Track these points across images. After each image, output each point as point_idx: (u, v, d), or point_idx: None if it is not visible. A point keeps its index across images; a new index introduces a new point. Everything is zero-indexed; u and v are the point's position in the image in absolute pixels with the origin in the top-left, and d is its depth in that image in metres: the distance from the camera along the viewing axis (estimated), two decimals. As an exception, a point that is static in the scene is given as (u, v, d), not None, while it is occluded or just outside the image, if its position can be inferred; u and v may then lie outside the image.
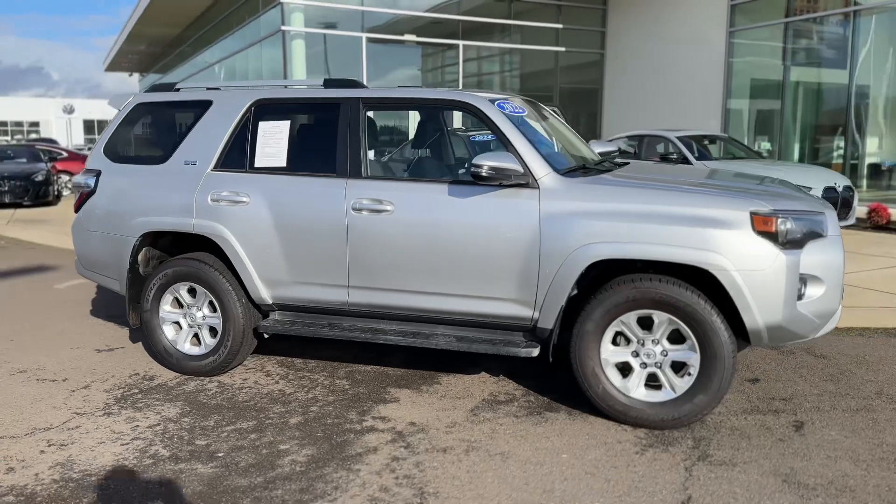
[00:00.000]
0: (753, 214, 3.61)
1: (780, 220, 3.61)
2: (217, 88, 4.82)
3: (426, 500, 3.16)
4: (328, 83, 4.58)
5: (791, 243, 3.63)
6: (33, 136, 58.68)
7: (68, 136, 55.70)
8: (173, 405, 4.30)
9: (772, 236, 3.60)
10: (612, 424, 3.91)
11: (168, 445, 3.76)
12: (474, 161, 3.83)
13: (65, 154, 19.76)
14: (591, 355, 3.88)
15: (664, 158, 10.62)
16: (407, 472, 3.42)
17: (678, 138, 10.82)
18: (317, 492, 3.25)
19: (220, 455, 3.64)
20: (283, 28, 15.96)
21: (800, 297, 3.69)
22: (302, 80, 4.91)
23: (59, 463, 3.57)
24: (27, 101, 66.91)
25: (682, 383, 3.80)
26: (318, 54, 16.66)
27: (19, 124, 64.87)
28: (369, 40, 16.70)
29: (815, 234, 3.73)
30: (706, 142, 11.42)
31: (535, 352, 4.00)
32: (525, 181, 3.95)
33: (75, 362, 5.13)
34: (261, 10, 17.47)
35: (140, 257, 4.89)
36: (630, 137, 11.77)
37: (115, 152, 4.95)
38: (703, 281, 3.78)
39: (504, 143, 4.08)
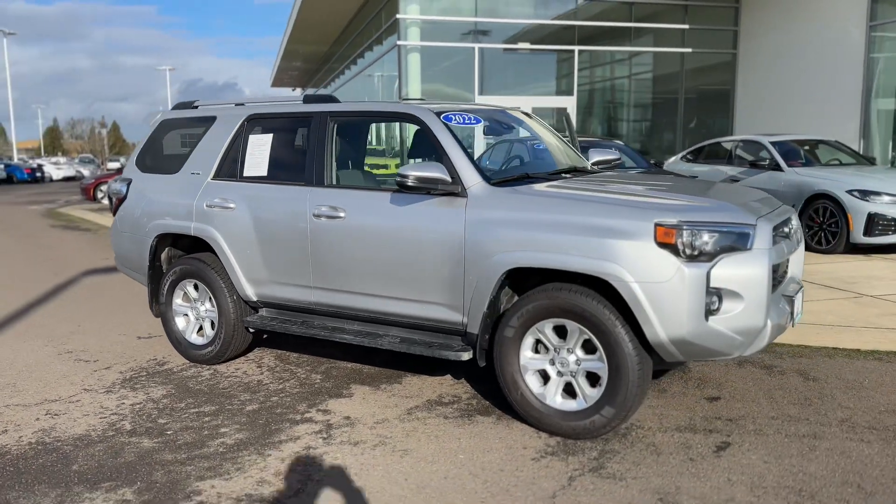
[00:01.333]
0: (657, 225, 3.53)
1: (683, 232, 3.50)
2: (232, 105, 5.34)
3: (306, 486, 3.41)
4: (307, 99, 4.95)
5: (698, 256, 3.50)
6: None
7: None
8: (164, 388, 4.85)
9: (674, 248, 3.50)
10: (532, 431, 3.95)
11: (134, 421, 4.27)
12: (400, 171, 4.02)
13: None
14: (511, 361, 3.94)
15: (753, 165, 10.05)
16: (309, 460, 3.69)
17: (773, 143, 10.18)
18: (220, 470, 3.60)
19: (168, 433, 4.10)
20: (399, 43, 16.67)
21: (713, 311, 3.54)
22: (292, 96, 5.30)
23: (42, 429, 4.19)
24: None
25: (593, 394, 3.77)
26: (432, 67, 17.23)
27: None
28: (482, 51, 17.04)
29: (732, 248, 3.57)
30: (807, 147, 10.63)
31: (466, 356, 4.11)
32: (455, 190, 4.08)
33: (114, 347, 5.87)
34: (383, 27, 18.35)
35: (163, 256, 5.53)
36: (717, 143, 11.23)
37: (144, 163, 5.63)
38: (613, 292, 3.73)
39: (440, 154, 4.24)
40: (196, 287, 5.28)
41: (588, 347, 3.80)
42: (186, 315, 5.39)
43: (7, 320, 6.87)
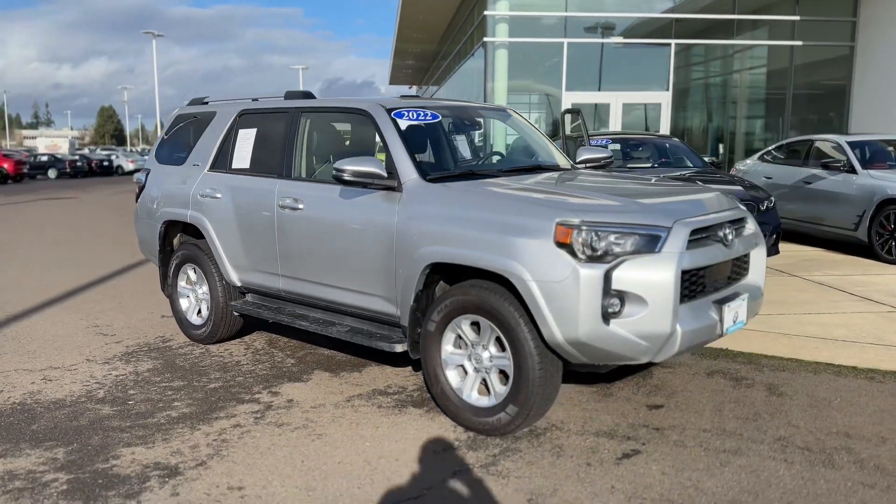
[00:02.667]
0: (558, 225, 3.47)
1: (580, 232, 3.42)
2: (237, 101, 5.65)
3: (210, 459, 3.63)
4: (287, 95, 5.18)
5: (597, 257, 3.41)
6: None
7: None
8: (153, 362, 5.25)
9: (570, 248, 3.42)
10: (451, 425, 3.98)
11: (108, 391, 4.68)
12: (335, 165, 4.16)
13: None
14: (433, 355, 3.99)
15: (826, 167, 9.38)
16: (228, 437, 3.91)
17: (850, 143, 9.45)
18: (149, 439, 3.89)
19: (129, 402, 4.46)
20: (486, 39, 16.74)
21: (614, 314, 3.44)
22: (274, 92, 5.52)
23: (30, 392, 4.67)
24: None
25: (502, 391, 3.76)
26: (520, 63, 17.16)
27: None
28: (571, 45, 16.78)
29: (637, 250, 3.45)
30: (891, 147, 9.76)
31: (400, 348, 4.20)
32: (392, 185, 4.17)
33: (137, 324, 6.38)
34: (475, 24, 18.47)
35: (175, 241, 5.97)
36: (795, 143, 10.52)
37: (160, 155, 6.08)
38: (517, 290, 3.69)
39: (385, 148, 4.33)
40: (195, 271, 5.66)
41: (501, 345, 3.78)
42: (188, 297, 5.78)
43: (64, 295, 7.60)
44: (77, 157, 43.08)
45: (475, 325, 3.86)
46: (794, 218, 9.93)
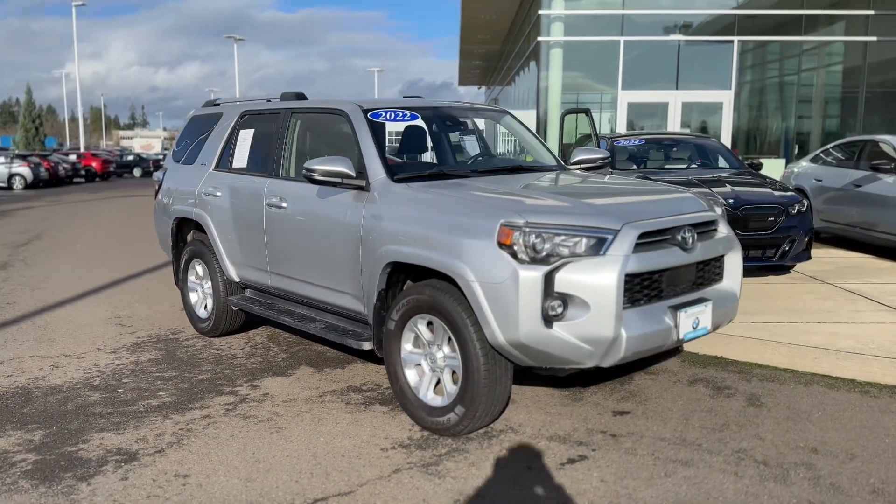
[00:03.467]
0: (502, 225, 3.44)
1: (521, 234, 3.38)
2: (244, 102, 5.83)
3: (169, 448, 3.77)
4: (283, 96, 5.30)
5: (538, 259, 3.37)
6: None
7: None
8: (156, 353, 5.48)
9: (511, 249, 3.39)
10: (410, 424, 3.99)
11: (105, 379, 4.91)
12: (305, 165, 4.24)
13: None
14: (393, 353, 4.02)
15: (875, 168, 8.89)
16: (195, 427, 4.05)
17: (903, 144, 8.92)
18: (122, 425, 4.07)
19: (119, 390, 4.68)
20: (541, 39, 16.61)
21: (556, 317, 3.39)
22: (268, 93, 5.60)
23: (36, 377, 4.96)
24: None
25: (452, 392, 3.76)
26: (574, 62, 16.94)
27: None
28: (628, 44, 16.45)
29: (580, 253, 3.38)
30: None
31: (367, 346, 4.25)
32: (361, 184, 4.23)
33: (155, 316, 6.66)
34: (531, 25, 18.34)
35: (189, 237, 6.20)
36: (848, 143, 10.00)
37: (176, 155, 6.33)
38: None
39: (357, 148, 4.39)
40: (202, 267, 5.87)
41: (453, 345, 3.78)
42: (196, 291, 6.00)
43: (99, 287, 8.00)
44: (162, 156, 45.10)
45: (431, 325, 3.87)
46: (844, 223, 9.45)
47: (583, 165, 5.20)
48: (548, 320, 3.38)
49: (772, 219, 7.12)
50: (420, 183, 4.17)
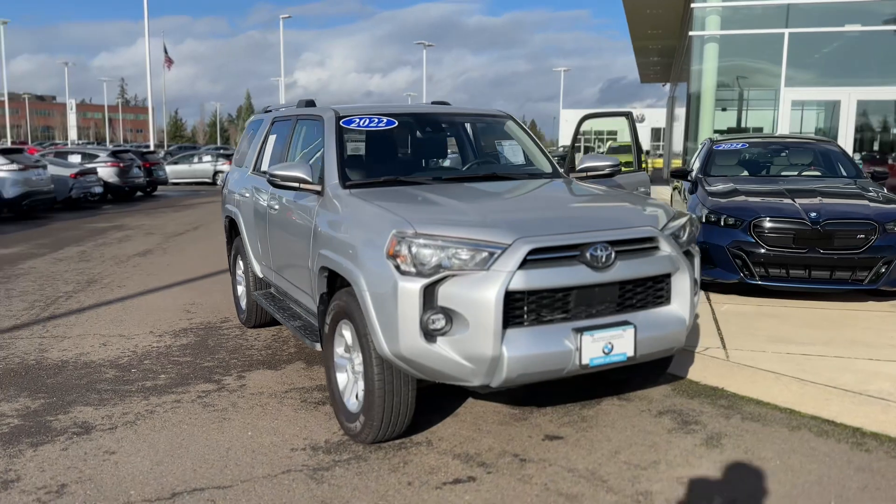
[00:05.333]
0: (393, 236, 3.39)
1: (406, 245, 3.31)
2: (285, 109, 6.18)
3: (122, 426, 4.14)
4: (298, 103, 5.55)
5: (423, 271, 3.27)
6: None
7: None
8: (193, 339, 5.98)
9: (395, 260, 3.33)
10: (335, 426, 4.04)
11: (132, 359, 5.46)
12: (268, 170, 4.42)
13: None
14: (329, 356, 4.10)
15: None
16: (159, 409, 4.39)
17: None
18: (105, 402, 4.52)
19: (132, 370, 5.18)
20: (693, 33, 15.63)
21: (439, 331, 3.28)
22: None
23: (81, 353, 5.62)
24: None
25: (361, 399, 3.76)
26: (731, 57, 15.73)
27: (600, 133, 73.85)
28: (793, 36, 14.99)
29: (468, 267, 3.25)
30: None
31: (318, 346, 4.36)
32: (318, 189, 4.35)
33: (217, 304, 7.23)
34: (689, 19, 17.29)
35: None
36: None
37: (235, 159, 6.83)
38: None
39: (324, 153, 4.51)
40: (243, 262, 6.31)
41: (364, 353, 3.78)
42: (241, 284, 6.45)
43: (197, 277, 8.81)
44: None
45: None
46: None
47: (589, 174, 4.93)
48: (429, 334, 3.29)
49: (862, 236, 6.22)
50: (367, 190, 4.20)
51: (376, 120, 4.71)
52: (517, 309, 3.33)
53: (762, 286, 6.51)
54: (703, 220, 6.78)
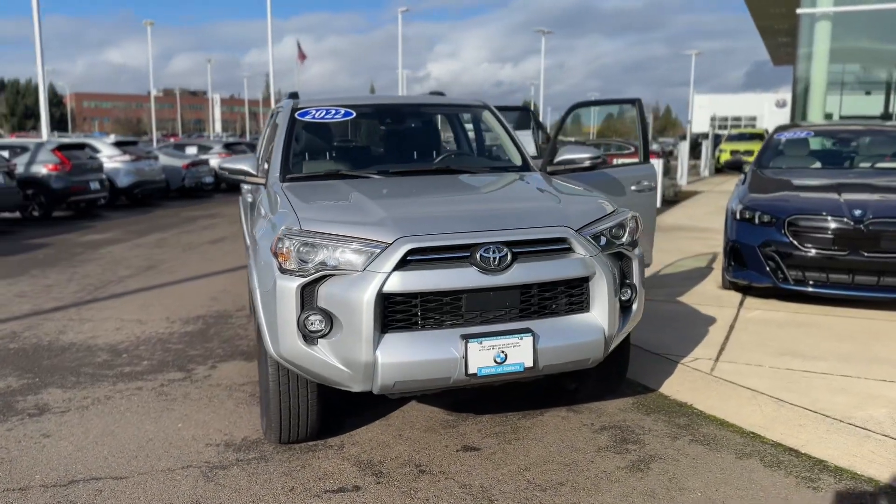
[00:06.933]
0: (279, 232, 3.28)
1: (290, 242, 3.18)
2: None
3: (73, 410, 4.29)
4: (290, 95, 5.52)
5: (305, 270, 3.15)
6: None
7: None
8: (198, 326, 6.15)
9: (276, 257, 3.22)
10: (258, 425, 3.99)
11: (130, 344, 5.68)
12: (218, 163, 4.42)
13: (632, 149, 21.91)
14: (260, 352, 4.06)
15: None
16: (116, 396, 4.52)
17: None
18: (78, 385, 4.71)
19: (123, 355, 5.38)
20: (801, 11, 14.37)
21: (317, 333, 3.15)
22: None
23: (92, 336, 5.92)
24: (745, 98, 71.69)
25: (268, 399, 3.68)
26: (846, 37, 14.31)
27: (737, 119, 70.01)
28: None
29: (347, 266, 3.10)
30: None
31: (266, 342, 4.34)
32: (262, 182, 4.31)
33: (242, 293, 7.37)
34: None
35: None
36: None
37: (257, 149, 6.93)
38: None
39: (276, 146, 4.46)
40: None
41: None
42: (253, 274, 6.56)
43: (238, 268, 9.06)
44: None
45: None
46: None
47: (567, 167, 4.60)
48: (307, 336, 3.16)
49: (913, 237, 5.44)
50: (301, 184, 4.11)
51: (333, 111, 4.60)
52: (400, 312, 3.13)
53: (800, 292, 5.84)
54: (738, 216, 6.18)
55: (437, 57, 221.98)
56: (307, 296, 3.14)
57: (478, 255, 3.13)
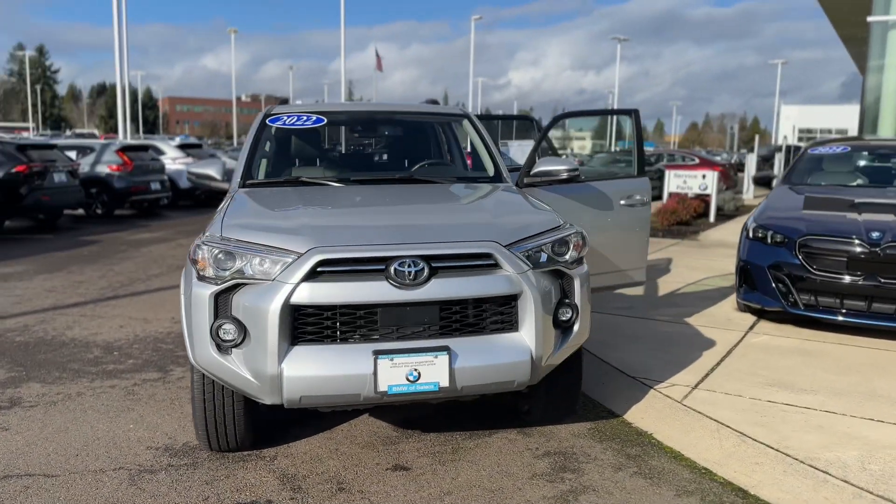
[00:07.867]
0: (199, 239, 3.26)
1: (204, 249, 3.16)
2: None
3: (43, 405, 4.40)
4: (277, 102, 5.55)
5: (221, 277, 3.11)
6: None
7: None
8: (196, 328, 6.24)
9: (195, 264, 3.20)
10: (215, 429, 4.00)
11: (126, 342, 5.81)
12: (188, 169, 4.45)
13: (696, 160, 21.17)
14: (212, 357, 4.06)
15: None
16: (88, 392, 4.61)
17: None
18: (58, 381, 4.84)
19: (115, 353, 5.51)
20: (871, 18, 13.58)
21: (230, 342, 3.11)
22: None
23: (94, 333, 6.09)
24: (836, 109, 68.60)
25: (202, 406, 3.66)
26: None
27: (827, 131, 67.00)
28: None
29: (259, 276, 3.05)
30: None
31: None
32: (226, 187, 4.32)
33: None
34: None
35: None
36: None
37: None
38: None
39: (245, 151, 4.46)
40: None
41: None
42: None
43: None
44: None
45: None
46: None
47: (544, 178, 4.43)
48: (220, 345, 3.12)
49: (934, 264, 4.99)
50: (257, 190, 4.10)
51: (304, 118, 4.57)
52: (311, 325, 3.05)
53: (810, 318, 5.45)
54: (750, 235, 5.84)
55: (519, 65, 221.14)
56: (221, 304, 3.11)
57: (392, 269, 3.03)
